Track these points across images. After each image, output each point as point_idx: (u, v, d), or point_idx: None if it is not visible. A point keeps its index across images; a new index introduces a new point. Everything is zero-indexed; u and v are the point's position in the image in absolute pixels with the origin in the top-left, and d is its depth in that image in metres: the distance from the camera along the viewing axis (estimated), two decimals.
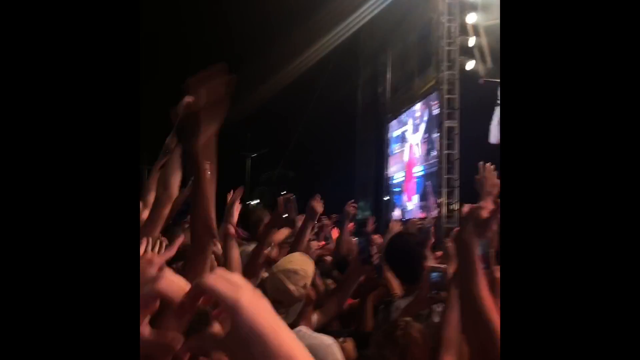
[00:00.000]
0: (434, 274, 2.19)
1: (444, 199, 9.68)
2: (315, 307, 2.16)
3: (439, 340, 1.83)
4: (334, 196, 13.87)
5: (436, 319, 2.06)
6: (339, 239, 4.24)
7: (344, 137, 16.35)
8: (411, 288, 2.46)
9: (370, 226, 4.54)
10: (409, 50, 12.93)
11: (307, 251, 2.58)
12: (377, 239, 3.60)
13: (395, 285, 2.74)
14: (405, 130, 13.05)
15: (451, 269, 2.24)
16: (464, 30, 10.52)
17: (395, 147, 13.87)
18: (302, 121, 14.15)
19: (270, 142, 22.05)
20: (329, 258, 3.76)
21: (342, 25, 12.19)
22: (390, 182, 13.93)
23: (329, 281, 2.83)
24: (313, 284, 2.06)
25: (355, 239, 4.14)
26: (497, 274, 1.85)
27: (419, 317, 2.04)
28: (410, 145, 12.66)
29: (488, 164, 2.01)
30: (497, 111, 3.55)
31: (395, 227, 3.51)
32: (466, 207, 1.43)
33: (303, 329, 1.95)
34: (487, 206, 1.40)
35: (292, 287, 1.96)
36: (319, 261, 3.06)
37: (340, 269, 3.08)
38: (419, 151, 12.00)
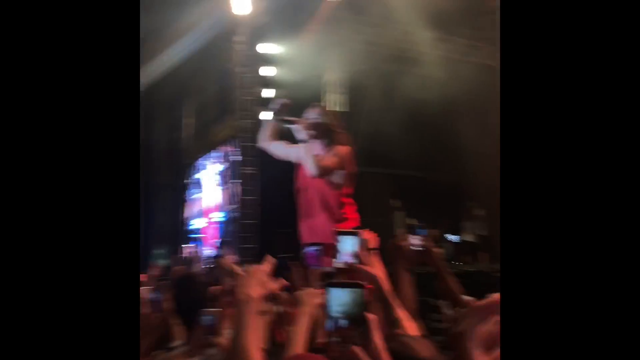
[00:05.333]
0: (206, 317, 2.12)
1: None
2: None
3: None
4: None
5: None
6: None
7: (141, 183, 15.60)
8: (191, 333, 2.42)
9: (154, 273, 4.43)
10: (206, 97, 13.04)
11: None
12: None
13: (178, 331, 2.67)
14: (205, 176, 13.00)
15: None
16: (259, 81, 11.00)
17: (194, 193, 13.69)
18: None
19: None
20: None
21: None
22: (189, 228, 13.64)
23: None
24: None
25: None
26: None
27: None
28: (210, 191, 12.62)
29: None
30: (270, 123, 3.75)
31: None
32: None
33: None
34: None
35: None
36: None
37: None
38: (220, 197, 12.02)
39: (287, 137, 4.01)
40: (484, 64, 11.02)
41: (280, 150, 4.01)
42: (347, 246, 1.93)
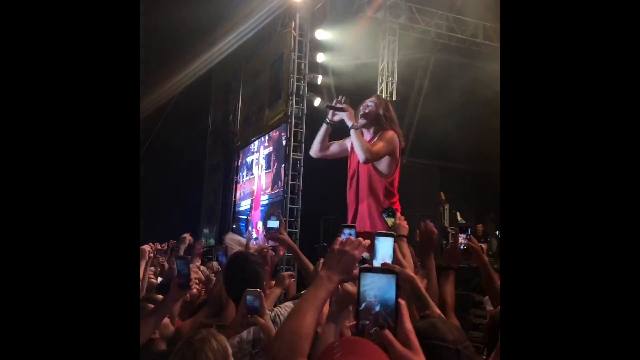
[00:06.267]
0: (250, 297, 2.13)
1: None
2: None
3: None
4: (180, 221, 13.26)
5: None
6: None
7: (193, 161, 15.95)
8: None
9: (198, 249, 4.62)
10: (261, 81, 13.17)
11: None
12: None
13: (230, 309, 2.73)
14: (255, 159, 13.19)
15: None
16: (313, 67, 11.02)
17: (243, 175, 13.92)
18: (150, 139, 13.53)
19: None
20: (153, 281, 3.81)
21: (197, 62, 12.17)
22: (237, 209, 13.90)
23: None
24: None
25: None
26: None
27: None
28: (258, 174, 12.80)
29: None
30: (322, 128, 3.81)
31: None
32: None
33: None
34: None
35: None
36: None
37: (162, 292, 3.03)
38: (265, 180, 12.18)
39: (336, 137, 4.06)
40: None
41: (336, 150, 4.04)
42: (384, 247, 1.93)
